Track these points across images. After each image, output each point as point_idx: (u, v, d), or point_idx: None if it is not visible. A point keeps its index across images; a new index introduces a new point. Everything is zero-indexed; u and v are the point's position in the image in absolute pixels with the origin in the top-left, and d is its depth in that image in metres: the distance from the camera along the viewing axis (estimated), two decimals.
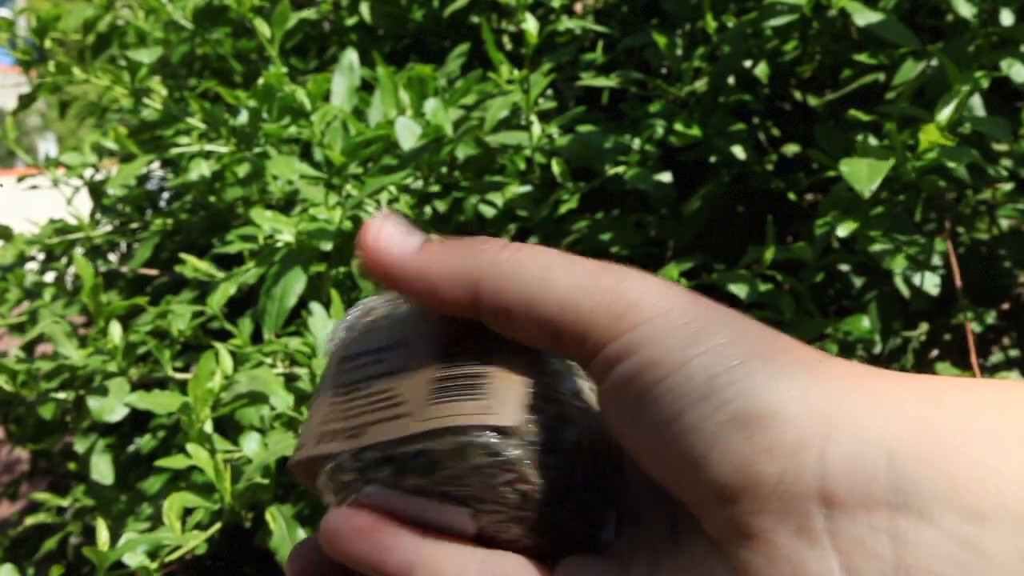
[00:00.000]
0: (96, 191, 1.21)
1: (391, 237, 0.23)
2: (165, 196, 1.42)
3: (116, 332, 0.80)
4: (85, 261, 0.84)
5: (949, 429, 0.18)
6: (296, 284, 0.79)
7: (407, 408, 0.22)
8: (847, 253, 0.80)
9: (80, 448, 0.91)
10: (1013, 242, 0.87)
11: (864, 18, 0.76)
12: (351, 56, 0.95)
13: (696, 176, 0.91)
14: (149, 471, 0.85)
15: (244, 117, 0.95)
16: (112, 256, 1.27)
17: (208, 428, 0.66)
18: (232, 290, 0.82)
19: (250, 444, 0.66)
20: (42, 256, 1.21)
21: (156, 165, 1.35)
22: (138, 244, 1.16)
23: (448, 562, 0.22)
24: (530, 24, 0.83)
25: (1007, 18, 0.76)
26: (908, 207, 0.74)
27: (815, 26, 0.86)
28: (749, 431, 0.19)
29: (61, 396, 0.87)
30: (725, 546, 0.20)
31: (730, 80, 0.89)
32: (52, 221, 1.19)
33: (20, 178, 1.29)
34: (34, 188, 1.26)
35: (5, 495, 1.32)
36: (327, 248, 0.81)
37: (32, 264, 1.19)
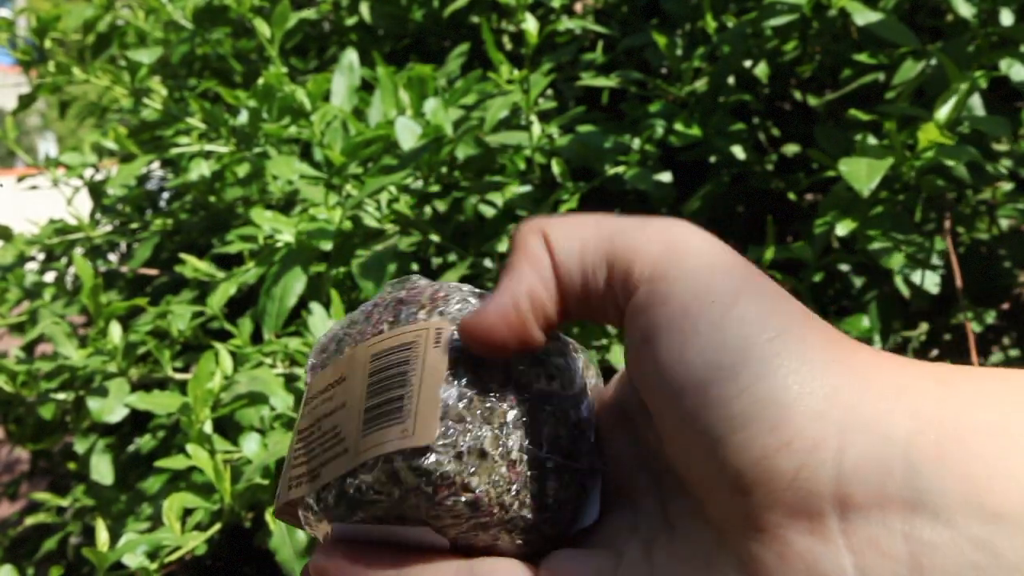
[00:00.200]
0: (96, 191, 1.21)
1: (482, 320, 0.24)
2: (165, 196, 1.42)
3: (116, 332, 0.80)
4: (85, 261, 0.85)
5: (968, 428, 0.18)
6: (296, 284, 0.79)
7: (347, 444, 0.23)
8: (847, 253, 0.80)
9: (80, 448, 0.91)
10: (1013, 242, 0.87)
11: (864, 18, 0.76)
12: (351, 56, 0.95)
13: (696, 176, 0.91)
14: (149, 471, 0.84)
15: (244, 117, 0.95)
16: (112, 256, 1.27)
17: (208, 428, 0.66)
18: (232, 290, 0.82)
19: (250, 444, 0.66)
20: (42, 256, 1.21)
21: (156, 165, 1.35)
22: (138, 244, 1.16)
23: None
24: (530, 24, 0.83)
25: (1007, 18, 0.76)
26: (908, 207, 0.74)
27: (815, 26, 0.86)
28: (772, 421, 0.19)
29: (61, 396, 0.87)
30: (732, 536, 0.19)
31: (730, 80, 0.89)
32: (52, 221, 1.19)
33: (20, 178, 1.29)
34: (34, 188, 1.27)
35: (5, 495, 1.32)
36: (327, 248, 0.81)
37: (32, 264, 1.19)
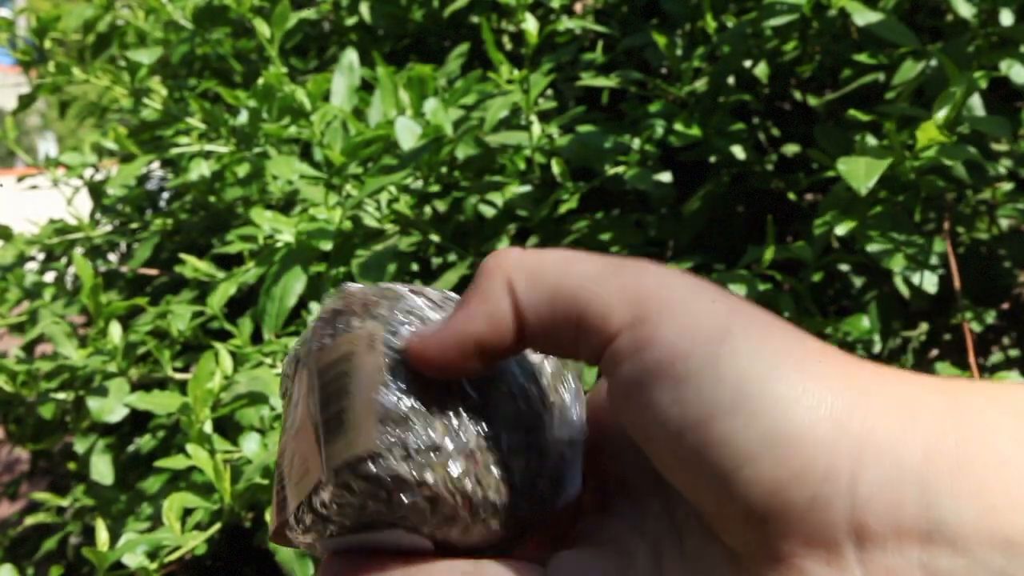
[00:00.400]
0: (96, 191, 1.21)
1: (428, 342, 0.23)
2: (165, 196, 1.42)
3: (116, 332, 0.80)
4: (85, 261, 0.85)
5: (982, 452, 0.18)
6: (296, 284, 0.79)
7: (309, 464, 0.23)
8: (847, 253, 0.80)
9: (80, 448, 0.91)
10: (1013, 242, 0.87)
11: (864, 18, 0.76)
12: (351, 56, 0.95)
13: (696, 176, 0.91)
14: (149, 471, 0.84)
15: (244, 117, 0.95)
16: (112, 256, 1.27)
17: (208, 428, 0.66)
18: (232, 290, 0.82)
19: (250, 444, 0.66)
20: (42, 256, 1.21)
21: (156, 165, 1.36)
22: (138, 244, 1.16)
23: None
24: (530, 24, 0.83)
25: (1007, 18, 0.76)
26: (907, 207, 0.74)
27: (815, 26, 0.86)
28: (780, 453, 0.18)
29: (61, 396, 0.87)
30: (747, 563, 0.19)
31: (730, 80, 0.89)
32: (52, 221, 1.19)
33: (20, 178, 1.29)
34: (34, 188, 1.27)
35: (5, 495, 1.32)
36: (327, 248, 0.81)
37: (32, 264, 1.19)
